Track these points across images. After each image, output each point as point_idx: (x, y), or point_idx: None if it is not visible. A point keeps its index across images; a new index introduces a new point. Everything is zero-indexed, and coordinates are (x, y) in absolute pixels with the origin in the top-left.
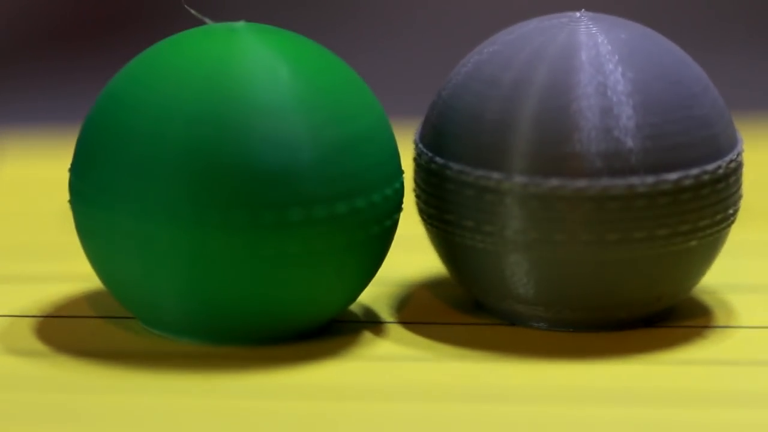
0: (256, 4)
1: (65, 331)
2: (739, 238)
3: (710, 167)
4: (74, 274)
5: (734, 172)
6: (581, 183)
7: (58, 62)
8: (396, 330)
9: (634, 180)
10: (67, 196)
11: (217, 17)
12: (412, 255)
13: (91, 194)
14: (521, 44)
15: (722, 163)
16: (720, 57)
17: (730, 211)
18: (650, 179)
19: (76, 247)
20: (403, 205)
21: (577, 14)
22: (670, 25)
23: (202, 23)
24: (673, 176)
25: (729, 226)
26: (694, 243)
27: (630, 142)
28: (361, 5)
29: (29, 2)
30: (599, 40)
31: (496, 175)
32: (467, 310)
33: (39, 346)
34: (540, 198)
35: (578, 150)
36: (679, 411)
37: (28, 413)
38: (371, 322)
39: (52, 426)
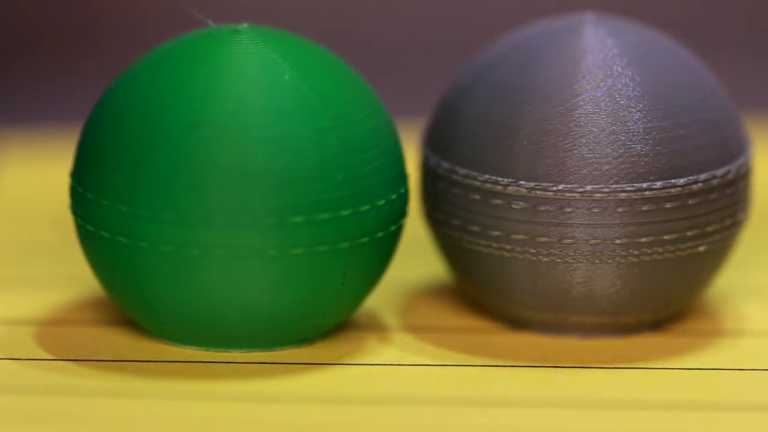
0: (259, 6)
1: (66, 336)
2: (750, 242)
3: (719, 171)
4: (75, 279)
5: (744, 176)
6: (588, 188)
7: (59, 65)
8: (401, 336)
9: (642, 184)
10: (67, 200)
11: (220, 19)
12: (418, 260)
13: (92, 198)
14: (528, 47)
15: (732, 167)
16: (732, 58)
17: (740, 216)
18: (658, 183)
19: (77, 253)
20: (408, 210)
21: (585, 17)
22: (679, 27)
23: (205, 25)
24: (681, 180)
25: (739, 231)
26: (702, 248)
27: (638, 147)
28: (364, 6)
29: (29, 2)
30: (607, 43)
31: (502, 179)
32: (473, 315)
33: (40, 351)
34: (547, 203)
35: (585, 154)
36: (686, 418)
37: (30, 419)
38: (376, 328)
39: (53, 431)
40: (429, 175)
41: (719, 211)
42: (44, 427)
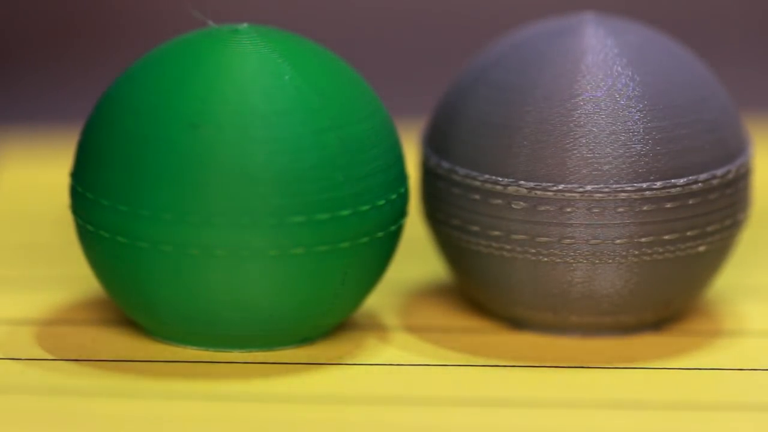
0: (259, 6)
1: (66, 336)
2: (750, 242)
3: (719, 171)
4: (75, 279)
5: (744, 176)
6: (588, 188)
7: (59, 65)
8: (401, 336)
9: (642, 184)
10: (67, 200)
11: (220, 19)
12: (418, 260)
13: (91, 198)
14: (528, 48)
15: (732, 167)
16: (732, 58)
17: (740, 216)
18: (658, 183)
19: (77, 253)
20: (408, 210)
21: (585, 17)
22: (679, 27)
23: (205, 25)
24: (681, 180)
25: (739, 231)
26: (702, 248)
27: (638, 147)
28: (364, 6)
29: (29, 2)
30: (607, 43)
31: (502, 179)
32: (473, 315)
33: (40, 351)
34: (547, 203)
35: (585, 154)
36: (686, 418)
37: (30, 419)
38: (376, 328)
39: (53, 431)
40: (429, 175)
41: (719, 211)
42: (44, 427)
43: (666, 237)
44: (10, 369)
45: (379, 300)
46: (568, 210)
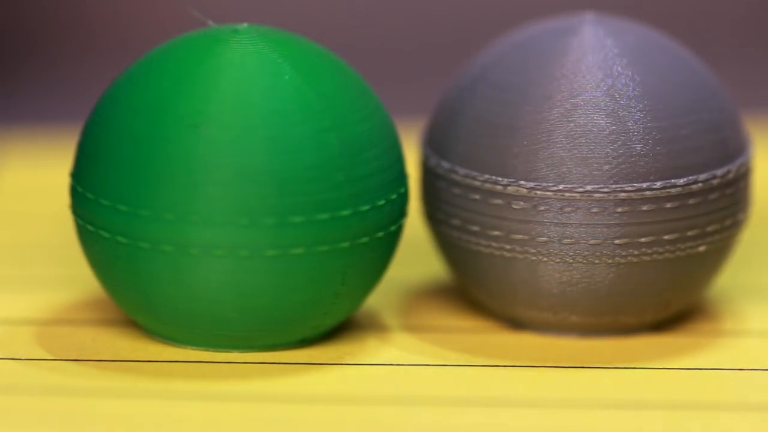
0: (259, 6)
1: (66, 336)
2: (750, 242)
3: (719, 171)
4: (75, 279)
5: (744, 176)
6: (588, 187)
7: (59, 65)
8: (401, 336)
9: (642, 184)
10: (67, 200)
11: (220, 19)
12: (418, 260)
13: (91, 198)
14: (528, 47)
15: (732, 167)
16: (732, 58)
17: (740, 216)
18: (658, 183)
19: (77, 253)
20: (408, 210)
21: (585, 17)
22: (679, 27)
23: (205, 25)
24: (681, 180)
25: (739, 231)
26: (702, 248)
27: (638, 147)
28: (364, 6)
29: (29, 3)
30: (607, 43)
31: (502, 179)
32: (473, 315)
33: (40, 351)
34: (547, 203)
35: (585, 154)
36: (686, 418)
37: (30, 419)
38: (376, 328)
39: (53, 431)
40: (429, 175)
41: (719, 211)
42: (44, 427)
43: (666, 237)
44: (10, 369)
45: (379, 300)
46: (568, 210)
